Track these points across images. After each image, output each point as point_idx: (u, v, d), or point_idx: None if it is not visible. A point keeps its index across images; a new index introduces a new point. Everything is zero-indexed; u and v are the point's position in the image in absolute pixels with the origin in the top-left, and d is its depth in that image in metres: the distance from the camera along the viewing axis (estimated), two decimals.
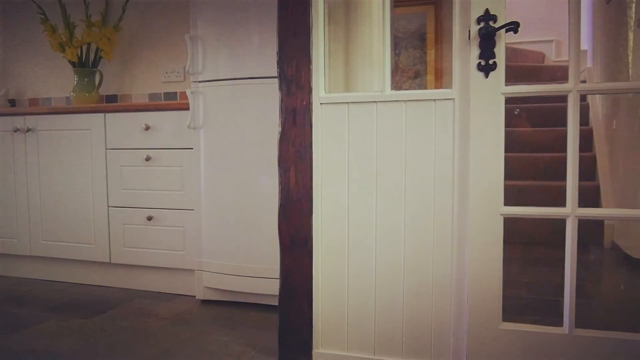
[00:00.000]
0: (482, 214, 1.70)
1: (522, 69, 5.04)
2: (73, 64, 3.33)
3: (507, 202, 1.70)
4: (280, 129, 1.87)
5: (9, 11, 3.83)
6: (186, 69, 2.64)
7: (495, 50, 1.65)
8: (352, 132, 1.83)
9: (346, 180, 1.85)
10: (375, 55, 2.44)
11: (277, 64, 1.86)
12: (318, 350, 1.91)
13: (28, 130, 3.06)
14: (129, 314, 2.52)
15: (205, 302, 2.68)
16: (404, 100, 1.77)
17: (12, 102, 3.83)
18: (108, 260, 2.93)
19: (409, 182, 1.78)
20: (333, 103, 1.84)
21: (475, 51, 1.67)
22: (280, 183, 1.88)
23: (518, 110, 4.35)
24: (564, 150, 1.65)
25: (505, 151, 1.68)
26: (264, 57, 2.43)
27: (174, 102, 2.75)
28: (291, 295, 1.91)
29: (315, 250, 1.89)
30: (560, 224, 1.69)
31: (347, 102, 1.83)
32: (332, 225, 1.87)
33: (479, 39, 1.66)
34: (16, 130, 3.09)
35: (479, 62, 1.67)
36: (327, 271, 1.89)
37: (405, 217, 1.79)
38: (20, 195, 3.12)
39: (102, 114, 2.88)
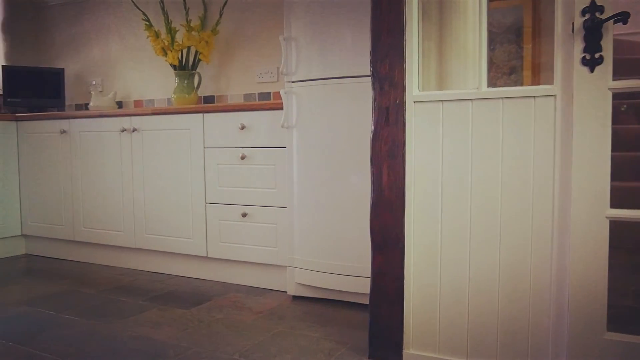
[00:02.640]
0: (585, 217, 1.61)
1: (629, 62, 4.72)
2: (174, 67, 3.51)
3: (613, 204, 1.60)
4: (372, 127, 1.87)
5: (120, 19, 4.09)
6: (280, 69, 2.69)
7: (602, 43, 1.56)
8: (446, 130, 1.80)
9: (439, 179, 1.82)
10: (470, 52, 2.38)
11: (370, 62, 1.86)
12: (409, 351, 1.89)
13: (134, 130, 3.25)
14: (224, 307, 2.62)
15: (296, 298, 2.73)
16: (501, 98, 1.71)
17: (119, 104, 4.09)
18: (205, 255, 3.06)
19: (506, 183, 1.72)
20: (427, 101, 1.82)
21: (579, 45, 1.59)
22: (373, 182, 1.88)
23: (625, 106, 4.08)
24: None
25: (612, 150, 1.58)
26: (355, 56, 2.44)
27: (268, 102, 2.83)
28: (382, 294, 1.91)
29: (407, 250, 1.87)
30: None
31: (441, 100, 1.80)
32: (424, 225, 1.85)
33: (583, 32, 1.58)
34: (123, 130, 3.29)
35: (584, 56, 1.58)
36: (419, 271, 1.87)
37: (501, 218, 1.73)
38: (126, 191, 3.32)
39: (200, 115, 3.01)
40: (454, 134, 1.79)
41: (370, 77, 1.90)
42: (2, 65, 4.10)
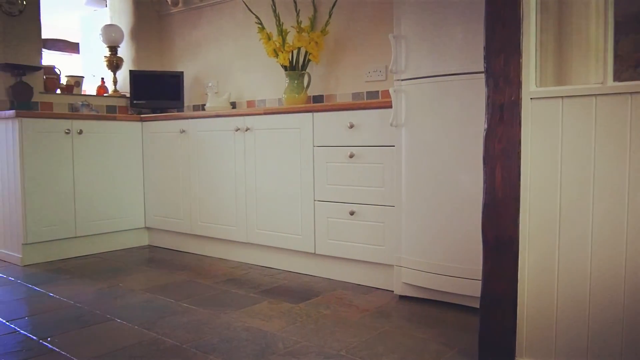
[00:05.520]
0: None
1: None
2: (284, 67, 3.61)
3: None
4: (486, 125, 1.81)
5: (234, 23, 4.28)
6: (389, 68, 2.68)
7: None
8: (566, 128, 1.70)
9: (558, 180, 1.72)
10: (593, 44, 2.23)
11: (484, 58, 1.80)
12: (521, 358, 1.82)
13: (247, 129, 3.39)
14: (331, 303, 2.66)
15: (402, 297, 2.71)
16: (630, 93, 1.59)
17: (233, 105, 4.27)
18: (313, 251, 3.12)
19: (635, 185, 1.59)
20: (544, 97, 1.73)
21: None
22: (485, 182, 1.83)
23: None
24: None
25: None
26: (466, 53, 2.38)
27: (376, 101, 2.83)
28: (494, 298, 1.84)
29: (521, 253, 1.79)
30: None
31: (561, 96, 1.71)
32: (540, 227, 1.76)
33: None
34: (237, 129, 3.44)
35: None
36: (533, 275, 1.79)
37: (627, 222, 1.61)
38: (239, 188, 3.47)
39: (310, 114, 3.07)
40: (574, 131, 1.69)
41: (482, 74, 1.84)
42: (130, 70, 4.44)
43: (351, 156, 2.90)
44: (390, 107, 2.68)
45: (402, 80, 2.61)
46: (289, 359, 2.00)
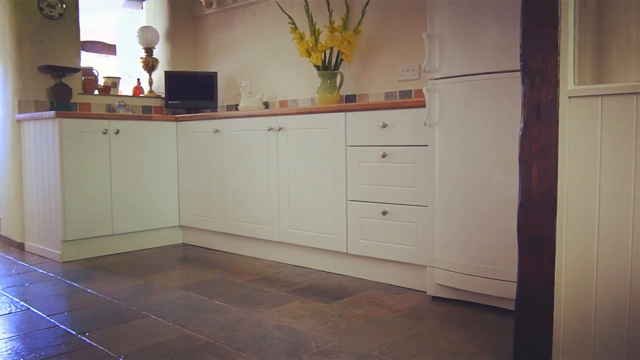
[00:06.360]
0: None
1: None
2: (317, 67, 3.61)
3: None
4: (522, 125, 1.79)
5: (267, 23, 4.31)
6: (423, 67, 2.67)
7: None
8: (605, 128, 1.66)
9: (597, 180, 1.68)
10: (633, 41, 2.18)
11: (521, 56, 1.78)
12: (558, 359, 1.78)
13: (279, 129, 3.41)
14: (363, 303, 2.65)
15: (435, 298, 2.69)
16: None
17: (266, 104, 4.30)
18: (345, 251, 3.12)
19: None
20: (583, 96, 1.70)
21: None
22: (521, 181, 1.80)
23: None
24: None
25: None
26: (501, 51, 2.34)
27: (409, 100, 2.81)
28: (529, 300, 1.82)
29: (558, 254, 1.76)
30: None
31: (600, 95, 1.67)
32: (578, 228, 1.73)
33: None
34: (270, 129, 3.46)
35: None
36: (571, 277, 1.75)
37: None
38: (271, 187, 3.49)
39: (342, 113, 3.07)
40: (614, 131, 1.65)
41: (518, 72, 1.82)
42: (165, 71, 4.51)
43: (384, 156, 2.89)
44: (424, 106, 2.66)
45: (436, 79, 2.59)
46: (322, 358, 2.00)
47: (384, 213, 2.91)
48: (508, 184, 2.32)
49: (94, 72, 4.44)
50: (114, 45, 6.89)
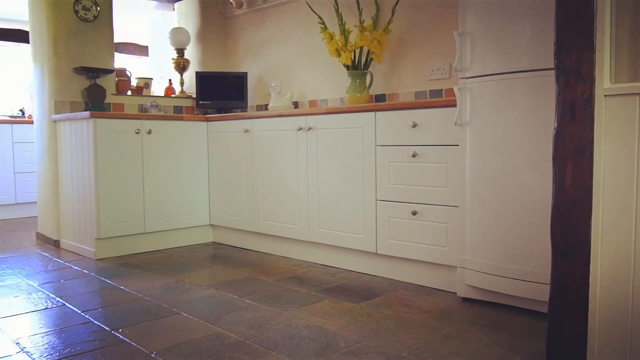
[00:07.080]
0: None
1: None
2: (347, 67, 3.61)
3: None
4: (556, 124, 1.75)
5: (297, 23, 4.33)
6: (454, 65, 2.64)
7: None
8: None
9: (634, 180, 1.64)
10: None
11: (555, 54, 1.74)
12: None
13: (309, 129, 3.41)
14: (392, 304, 2.64)
15: (465, 300, 2.66)
16: None
17: (296, 104, 4.31)
18: (374, 251, 3.11)
19: None
20: (620, 95, 1.65)
21: None
22: (555, 182, 1.76)
23: None
24: None
25: None
26: (534, 49, 2.30)
27: (440, 100, 2.78)
28: (563, 304, 1.78)
29: (593, 257, 1.72)
30: None
31: (638, 93, 1.62)
32: (615, 230, 1.68)
33: None
34: (299, 129, 3.47)
35: None
36: (606, 280, 1.71)
37: None
38: (301, 186, 3.50)
39: (372, 113, 3.06)
40: None
41: (551, 70, 1.78)
42: (196, 72, 4.57)
43: (414, 155, 2.87)
44: (454, 105, 2.63)
45: (467, 78, 2.56)
46: (351, 357, 2.00)
47: (414, 213, 2.89)
48: (541, 184, 2.28)
49: (127, 73, 4.52)
50: (147, 47, 7.01)
